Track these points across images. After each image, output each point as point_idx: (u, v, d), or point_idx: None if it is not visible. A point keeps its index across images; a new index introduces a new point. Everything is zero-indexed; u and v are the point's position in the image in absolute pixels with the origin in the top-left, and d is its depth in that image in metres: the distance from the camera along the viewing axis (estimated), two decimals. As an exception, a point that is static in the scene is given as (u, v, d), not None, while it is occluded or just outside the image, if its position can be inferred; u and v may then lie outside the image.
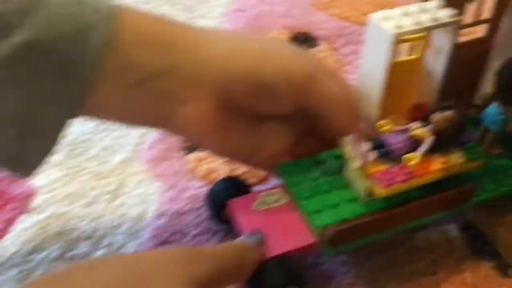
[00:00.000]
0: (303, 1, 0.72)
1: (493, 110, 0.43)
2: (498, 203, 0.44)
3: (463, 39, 0.51)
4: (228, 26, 0.68)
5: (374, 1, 0.72)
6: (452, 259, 0.45)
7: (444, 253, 0.45)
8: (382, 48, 0.38)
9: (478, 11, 0.50)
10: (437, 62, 0.42)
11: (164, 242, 0.45)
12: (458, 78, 0.50)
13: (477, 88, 0.49)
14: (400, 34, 0.37)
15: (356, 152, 0.39)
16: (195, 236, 0.45)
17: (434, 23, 0.38)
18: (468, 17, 0.50)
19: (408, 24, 0.37)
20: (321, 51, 0.65)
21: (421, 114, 0.42)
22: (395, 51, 0.40)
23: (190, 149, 0.53)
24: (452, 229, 0.47)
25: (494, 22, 0.49)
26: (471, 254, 0.45)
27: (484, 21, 0.50)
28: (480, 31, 0.51)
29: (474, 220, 0.46)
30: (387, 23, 0.37)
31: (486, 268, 0.44)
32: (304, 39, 0.67)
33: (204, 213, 0.46)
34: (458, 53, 0.49)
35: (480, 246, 0.45)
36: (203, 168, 0.51)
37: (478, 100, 0.49)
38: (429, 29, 0.38)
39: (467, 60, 0.50)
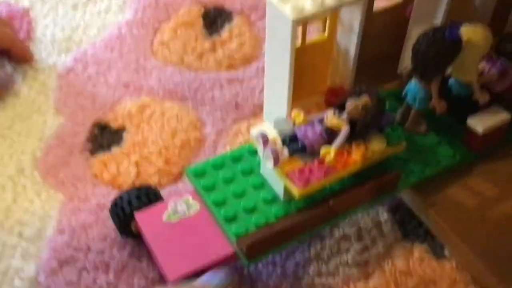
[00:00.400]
0: (214, -28, 0.66)
1: (413, 86, 0.40)
2: (427, 182, 0.41)
3: (380, 6, 0.48)
4: (135, 5, 0.62)
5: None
6: (382, 245, 0.42)
7: (374, 239, 0.42)
8: (283, 32, 0.34)
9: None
10: (349, 41, 0.38)
11: (67, 261, 0.40)
12: (377, 47, 0.46)
13: (399, 57, 0.46)
14: (300, 19, 0.32)
15: (267, 151, 0.35)
16: (101, 251, 0.40)
17: (337, 2, 0.33)
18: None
19: (308, 5, 0.33)
20: (236, 26, 0.59)
21: (336, 98, 0.38)
22: (299, 34, 0.36)
23: (94, 150, 0.47)
24: (382, 212, 0.44)
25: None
26: (402, 238, 0.43)
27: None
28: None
29: (404, 202, 0.43)
30: (286, 5, 0.33)
31: (419, 251, 0.42)
32: (216, 15, 0.61)
33: (111, 224, 0.42)
34: (374, 22, 0.46)
35: (411, 229, 0.43)
36: (109, 171, 0.46)
37: (401, 71, 0.45)
38: (332, 9, 0.34)
39: (384, 29, 0.47)
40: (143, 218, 0.39)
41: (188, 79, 0.54)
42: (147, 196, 0.40)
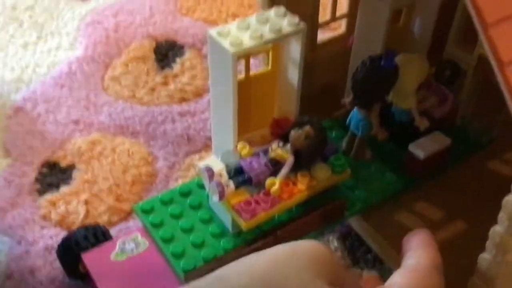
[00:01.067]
0: (165, 7, 0.67)
1: (355, 114, 0.40)
2: (374, 208, 0.41)
3: (325, 37, 0.49)
4: (86, 41, 0.61)
5: (239, 2, 0.68)
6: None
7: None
8: (225, 66, 0.34)
9: (335, 7, 0.47)
10: (292, 73, 0.38)
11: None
12: (324, 78, 0.47)
13: (343, 87, 0.46)
14: (239, 52, 0.33)
15: (212, 185, 0.35)
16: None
17: (276, 35, 0.34)
18: (326, 14, 0.47)
19: (247, 39, 0.33)
20: (188, 59, 0.60)
21: (281, 129, 0.38)
22: (243, 67, 0.37)
23: (43, 190, 0.46)
24: (332, 240, 0.44)
25: (351, 17, 0.47)
26: (352, 265, 0.43)
27: (341, 17, 0.48)
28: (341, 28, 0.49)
29: (352, 228, 0.44)
30: (225, 39, 0.33)
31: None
32: (168, 48, 0.61)
33: (59, 266, 0.40)
34: (319, 53, 0.47)
35: (360, 255, 0.43)
36: (58, 212, 0.45)
37: (343, 100, 0.46)
38: (270, 42, 0.34)
39: (330, 60, 0.48)
40: (90, 259, 0.38)
41: (140, 113, 0.53)
42: (95, 235, 0.40)
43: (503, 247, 0.30)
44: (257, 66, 0.51)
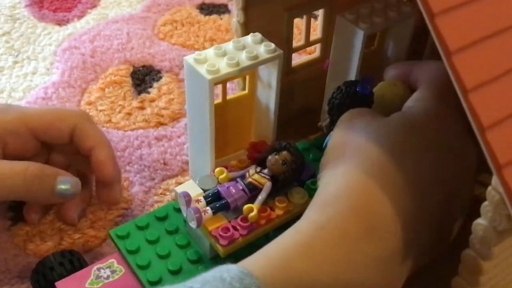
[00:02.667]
0: (142, 32, 0.66)
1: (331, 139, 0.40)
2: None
3: (300, 61, 0.49)
4: (62, 66, 0.61)
5: (217, 26, 0.68)
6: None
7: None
8: (201, 91, 0.34)
9: (308, 32, 0.47)
10: (268, 97, 0.38)
11: None
12: (300, 101, 0.47)
13: (319, 110, 0.47)
14: (216, 79, 0.33)
15: (189, 211, 0.34)
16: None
17: (252, 62, 0.34)
18: (302, 38, 0.48)
19: (223, 66, 0.33)
20: (165, 83, 0.59)
21: (258, 153, 0.38)
22: (220, 91, 0.36)
23: (16, 218, 0.45)
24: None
25: (325, 42, 0.47)
26: None
27: (316, 42, 0.48)
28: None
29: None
30: (202, 66, 0.33)
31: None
32: (145, 73, 0.61)
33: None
34: (294, 76, 0.47)
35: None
36: (32, 240, 0.43)
37: (320, 124, 0.46)
38: (247, 69, 0.34)
39: (305, 83, 0.48)
40: (64, 287, 0.36)
41: (116, 138, 0.53)
42: (70, 262, 0.38)
43: (475, 271, 0.29)
44: (234, 90, 0.51)
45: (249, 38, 0.35)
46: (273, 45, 0.35)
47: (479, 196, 0.41)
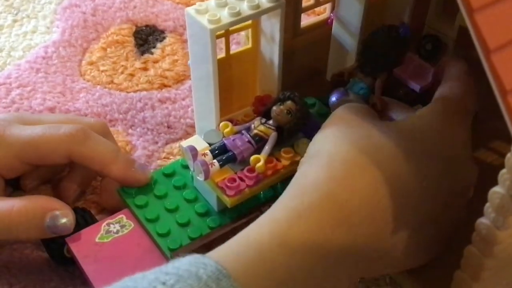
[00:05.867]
0: (144, -10, 0.69)
1: (355, 84, 0.42)
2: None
3: (308, 22, 0.51)
4: (63, 24, 0.63)
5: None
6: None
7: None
8: (203, 43, 0.36)
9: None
10: (272, 51, 0.40)
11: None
12: (306, 63, 0.49)
13: (325, 71, 0.49)
14: (217, 28, 0.35)
15: (197, 164, 0.37)
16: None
17: (254, 11, 0.36)
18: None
19: (225, 15, 0.35)
20: (168, 44, 0.61)
21: (263, 106, 0.40)
22: (223, 45, 0.39)
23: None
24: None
25: (334, 1, 0.49)
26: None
27: (325, 1, 0.50)
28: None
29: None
30: (203, 16, 0.35)
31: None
32: (148, 33, 0.63)
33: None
34: (302, 37, 0.49)
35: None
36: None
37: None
38: (249, 18, 0.37)
39: (314, 44, 0.50)
40: (74, 242, 0.40)
41: (118, 100, 0.54)
42: (83, 217, 0.41)
43: (489, 240, 0.30)
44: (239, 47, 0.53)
45: (251, -12, 0.37)
46: (275, -5, 0.37)
47: (491, 163, 0.44)
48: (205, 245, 0.37)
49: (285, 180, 0.40)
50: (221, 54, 0.41)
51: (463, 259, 0.32)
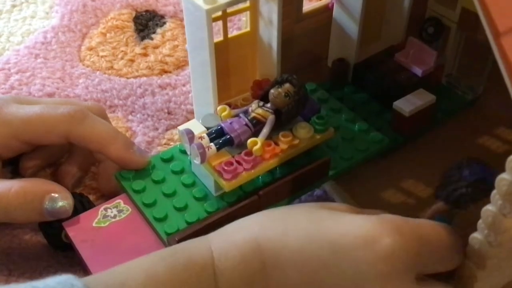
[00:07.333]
0: (144, -26, 0.69)
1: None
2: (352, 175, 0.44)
3: (311, 7, 0.51)
4: (62, 9, 0.64)
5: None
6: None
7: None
8: (200, 25, 0.37)
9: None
10: (270, 34, 0.41)
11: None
12: (308, 49, 0.50)
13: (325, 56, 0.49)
14: (213, 9, 0.36)
15: (193, 147, 0.38)
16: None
17: (251, -8, 0.37)
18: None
19: (222, -5, 0.36)
20: (169, 29, 0.62)
21: (261, 89, 0.41)
22: (221, 28, 0.39)
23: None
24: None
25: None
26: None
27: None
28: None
29: (328, 192, 0.46)
30: (200, -4, 0.36)
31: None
32: (148, 18, 0.64)
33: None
34: (304, 23, 0.49)
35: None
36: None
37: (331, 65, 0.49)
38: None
39: (316, 29, 0.50)
40: (71, 226, 0.40)
41: (118, 86, 0.55)
42: (80, 203, 0.42)
43: (495, 228, 0.30)
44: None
45: (248, -30, 0.38)
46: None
47: (495, 150, 0.44)
48: (202, 229, 0.38)
49: (283, 164, 0.41)
50: (219, 38, 0.41)
51: (468, 247, 0.32)
